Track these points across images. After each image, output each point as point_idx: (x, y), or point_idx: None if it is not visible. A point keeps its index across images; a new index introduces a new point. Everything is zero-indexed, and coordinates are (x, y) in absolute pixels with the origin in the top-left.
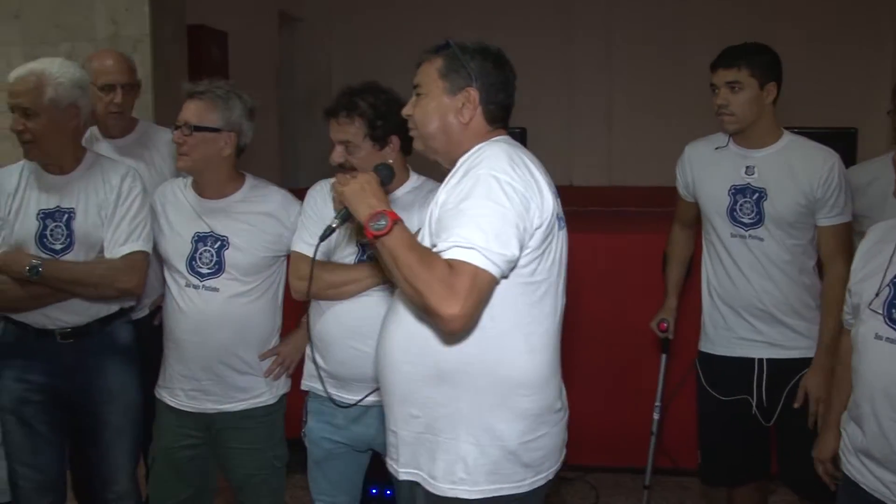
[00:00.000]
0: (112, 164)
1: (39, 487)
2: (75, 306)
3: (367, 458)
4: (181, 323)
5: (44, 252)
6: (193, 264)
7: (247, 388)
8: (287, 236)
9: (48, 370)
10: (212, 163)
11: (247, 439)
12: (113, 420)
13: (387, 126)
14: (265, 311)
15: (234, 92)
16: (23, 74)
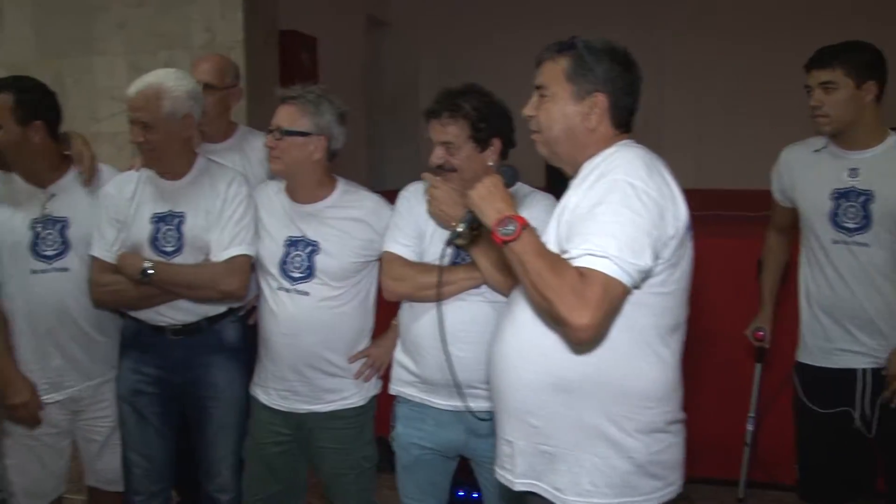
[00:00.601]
0: (220, 169)
1: (149, 475)
2: (185, 305)
3: (455, 464)
4: (273, 325)
5: (156, 254)
6: (285, 268)
7: (335, 390)
8: (378, 241)
9: (160, 364)
10: (302, 167)
11: (336, 439)
12: (217, 415)
13: (489, 128)
14: (355, 314)
15: (326, 97)
16: (141, 88)
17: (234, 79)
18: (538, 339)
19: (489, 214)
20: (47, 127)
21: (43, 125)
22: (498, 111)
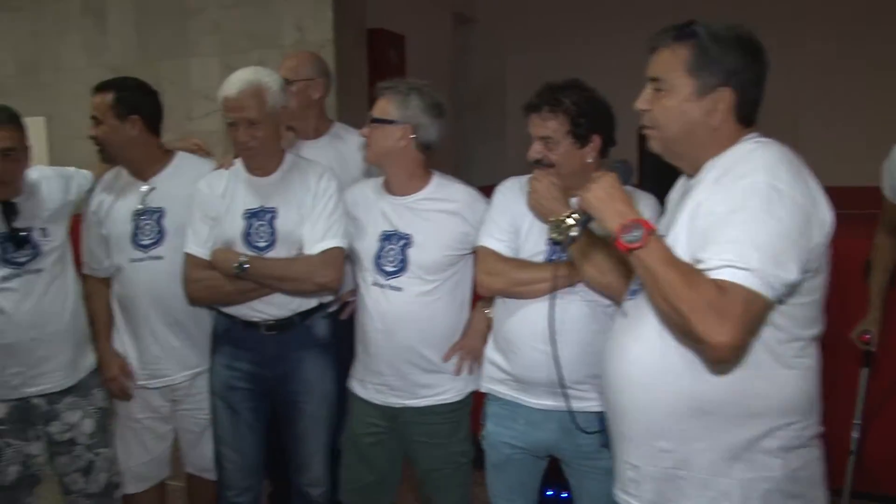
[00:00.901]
0: (309, 164)
1: (241, 469)
2: (278, 300)
3: (545, 463)
4: (367, 320)
5: (249, 250)
6: (380, 262)
7: (431, 385)
8: (472, 235)
9: (253, 359)
10: (391, 155)
11: (431, 434)
12: (309, 409)
13: (589, 124)
14: (449, 309)
15: (417, 88)
16: (242, 87)
17: (312, 72)
18: (670, 358)
19: (610, 218)
20: (144, 121)
21: (140, 119)
22: (599, 107)
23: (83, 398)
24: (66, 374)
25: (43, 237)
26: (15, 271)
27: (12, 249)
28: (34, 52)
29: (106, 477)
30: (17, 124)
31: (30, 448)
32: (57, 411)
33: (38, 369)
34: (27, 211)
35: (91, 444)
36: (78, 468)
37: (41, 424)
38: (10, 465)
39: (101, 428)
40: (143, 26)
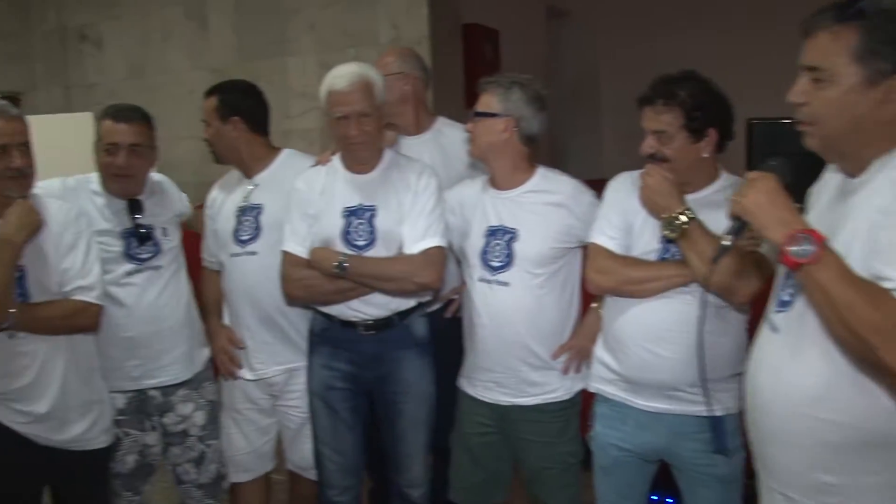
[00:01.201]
0: (408, 162)
1: (341, 469)
2: (377, 300)
3: (655, 468)
4: (475, 316)
5: (348, 248)
6: (486, 258)
7: (540, 383)
8: (577, 227)
9: (351, 359)
10: (494, 148)
11: (540, 433)
12: (408, 410)
13: (705, 117)
14: (557, 304)
15: (519, 81)
16: (353, 80)
17: (403, 67)
18: (840, 385)
19: (772, 228)
20: (246, 122)
21: (241, 120)
22: (715, 99)
23: (195, 391)
24: (182, 367)
25: (163, 236)
26: (137, 267)
27: (136, 245)
28: (141, 57)
29: (216, 468)
30: (148, 123)
31: (146, 438)
32: (171, 403)
33: (156, 363)
34: (150, 209)
35: (202, 436)
36: (190, 459)
37: (157, 416)
38: (128, 454)
39: (212, 420)
40: (241, 28)
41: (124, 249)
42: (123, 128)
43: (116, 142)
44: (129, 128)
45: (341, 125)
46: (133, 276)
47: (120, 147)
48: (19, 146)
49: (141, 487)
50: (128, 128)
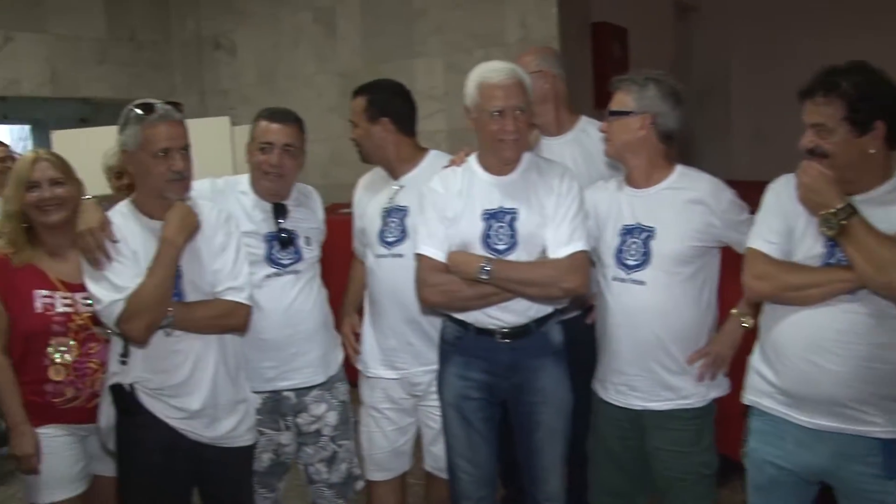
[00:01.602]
0: (548, 164)
1: (476, 481)
2: (516, 306)
3: (816, 490)
4: (609, 317)
5: (488, 252)
6: (621, 256)
7: (674, 388)
8: (717, 225)
9: (486, 368)
10: (631, 146)
11: (673, 441)
12: (545, 420)
13: (871, 109)
14: (695, 306)
15: (654, 77)
16: (510, 74)
17: (544, 65)
18: None
19: None
20: (394, 123)
21: (390, 121)
22: (885, 90)
23: (328, 391)
24: (315, 370)
25: (305, 245)
26: (277, 271)
27: (278, 249)
28: (272, 62)
29: (347, 468)
30: (300, 127)
31: (281, 437)
32: (305, 404)
33: (290, 365)
34: (295, 216)
35: (334, 436)
36: (322, 458)
37: (291, 416)
38: (263, 453)
39: (344, 421)
40: (368, 31)
41: (266, 253)
42: (278, 128)
43: (271, 141)
44: (284, 128)
45: (494, 121)
46: (271, 279)
47: (274, 146)
48: (181, 150)
49: (275, 485)
50: (282, 128)
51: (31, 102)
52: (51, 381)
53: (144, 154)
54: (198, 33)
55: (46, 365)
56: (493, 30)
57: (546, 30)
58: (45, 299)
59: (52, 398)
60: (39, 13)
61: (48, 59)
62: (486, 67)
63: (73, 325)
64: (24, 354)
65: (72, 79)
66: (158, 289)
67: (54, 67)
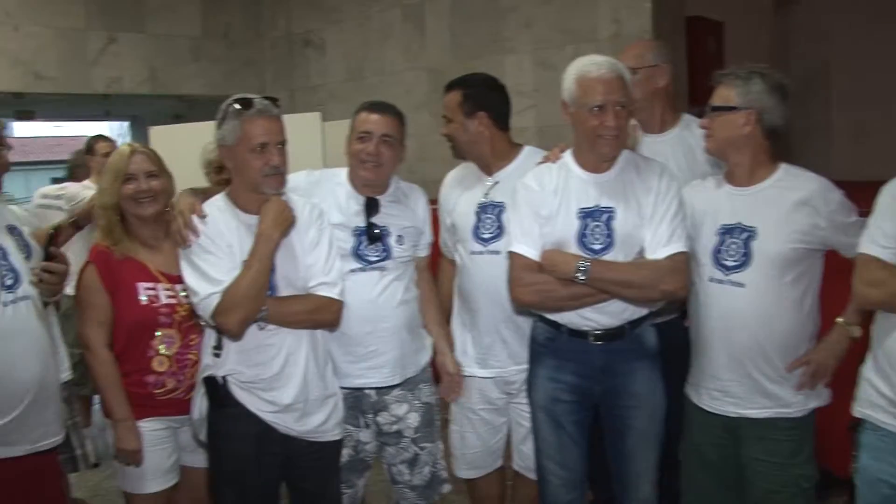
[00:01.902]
0: (647, 162)
1: (565, 484)
2: (612, 308)
3: None
4: (705, 319)
5: (584, 251)
6: (719, 257)
7: (772, 395)
8: (823, 227)
9: (579, 371)
10: (734, 143)
11: (770, 451)
12: (638, 425)
13: None
14: (795, 311)
15: (758, 71)
16: (613, 69)
17: (656, 59)
18: None
19: None
20: (491, 118)
21: (487, 116)
22: None
23: (410, 392)
24: (392, 371)
25: (397, 244)
26: (362, 266)
27: (366, 243)
28: (360, 59)
29: (430, 471)
30: (400, 120)
31: (360, 434)
32: (385, 402)
33: (368, 362)
34: (389, 212)
35: (416, 438)
36: (403, 460)
37: (371, 413)
38: (342, 448)
39: (427, 422)
40: (457, 27)
41: (354, 247)
42: (377, 118)
43: (370, 130)
44: (383, 118)
45: (594, 116)
46: (356, 274)
47: (372, 135)
48: (277, 144)
49: (354, 481)
50: (381, 118)
51: (131, 100)
52: (153, 372)
53: (242, 149)
54: (289, 31)
55: (151, 356)
56: (585, 25)
57: (639, 25)
58: (148, 291)
59: (153, 389)
60: (140, 14)
61: (147, 58)
62: (585, 61)
63: (177, 317)
64: (128, 346)
65: (169, 76)
66: (254, 283)
67: (152, 66)
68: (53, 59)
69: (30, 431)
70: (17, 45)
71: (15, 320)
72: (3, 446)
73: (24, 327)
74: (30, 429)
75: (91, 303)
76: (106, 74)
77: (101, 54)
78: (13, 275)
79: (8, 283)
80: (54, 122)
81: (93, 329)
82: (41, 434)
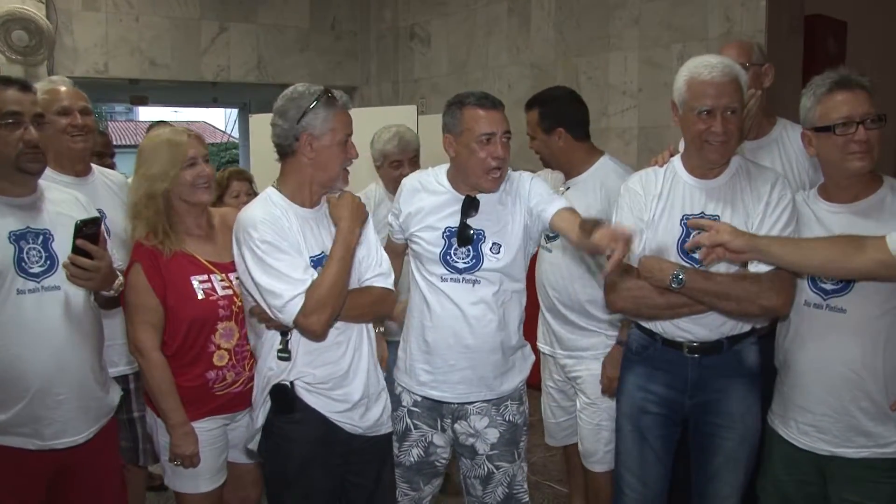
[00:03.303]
0: (760, 170)
1: (642, 500)
2: (709, 320)
3: None
4: (798, 345)
5: (683, 259)
6: (817, 279)
7: (872, 434)
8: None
9: (670, 383)
10: None
11: (866, 494)
12: (728, 446)
13: None
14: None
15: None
16: (726, 70)
17: (762, 58)
18: None
19: None
20: (569, 131)
21: (564, 130)
22: None
23: (495, 407)
24: (469, 389)
25: (491, 252)
26: (451, 274)
27: (456, 246)
28: (465, 53)
29: (504, 492)
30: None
31: (434, 437)
32: (466, 412)
33: (445, 376)
34: (488, 215)
35: (492, 456)
36: (477, 476)
37: (449, 419)
38: (413, 447)
39: (507, 441)
40: (562, 23)
41: (442, 251)
42: (497, 116)
43: (493, 131)
44: (500, 115)
45: (702, 120)
46: (445, 282)
47: (496, 134)
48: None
49: (420, 485)
50: (500, 116)
51: (239, 88)
52: (214, 366)
53: (329, 141)
54: (395, 23)
55: (212, 351)
56: (694, 23)
57: (753, 24)
58: (203, 285)
59: (214, 384)
60: (251, 5)
61: (255, 47)
62: (698, 61)
63: (234, 308)
64: (186, 344)
65: (275, 66)
66: (339, 281)
67: (260, 55)
68: (168, 48)
69: (43, 428)
70: (136, 35)
71: (30, 311)
72: (13, 436)
73: (38, 317)
74: (42, 425)
75: (139, 305)
76: (215, 63)
77: (212, 43)
78: (48, 262)
79: (35, 270)
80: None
81: (143, 332)
82: (56, 432)
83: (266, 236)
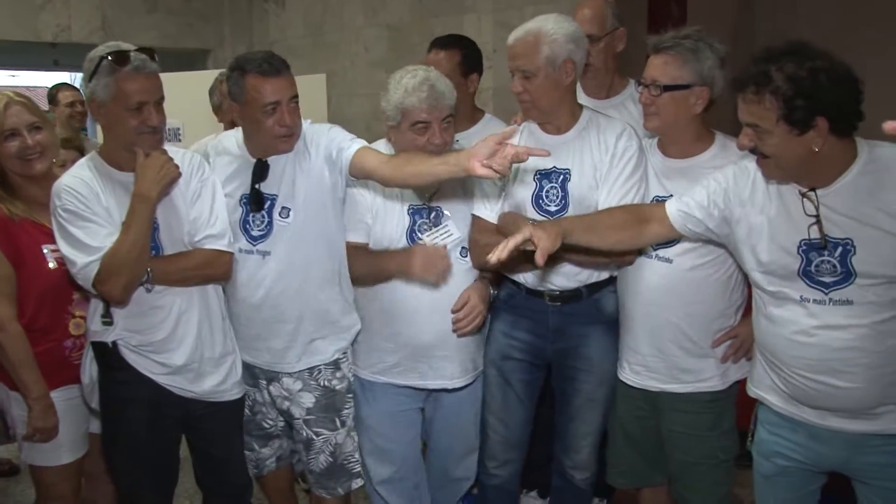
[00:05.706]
0: (608, 121)
1: (505, 442)
2: (567, 269)
3: (825, 479)
4: (632, 294)
5: (539, 214)
6: None
7: (693, 370)
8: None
9: (533, 329)
10: (681, 121)
11: (689, 424)
12: (586, 388)
13: (809, 106)
14: (721, 288)
15: (705, 40)
16: (520, 35)
17: (615, 22)
18: None
19: None
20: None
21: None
22: (823, 80)
23: (308, 371)
24: (274, 359)
25: (280, 217)
26: (248, 245)
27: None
28: (319, 15)
29: (328, 460)
30: None
31: (256, 395)
32: (278, 375)
33: (253, 343)
34: (280, 177)
35: (308, 420)
36: (300, 440)
37: (264, 380)
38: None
39: (325, 408)
40: None
41: (241, 220)
42: (281, 83)
43: (277, 100)
44: (284, 81)
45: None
46: (242, 254)
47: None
48: (156, 103)
49: (253, 445)
50: (284, 81)
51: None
52: (71, 336)
53: (117, 106)
54: None
55: (67, 320)
56: None
57: None
58: (55, 254)
59: (70, 352)
60: None
61: (98, 6)
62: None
63: None
64: (41, 312)
65: (122, 26)
66: (134, 247)
67: (105, 14)
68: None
69: None
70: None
71: None
72: None
73: None
74: None
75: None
76: (54, 21)
77: (49, 0)
78: None
79: None
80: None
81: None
82: None
83: (67, 205)
